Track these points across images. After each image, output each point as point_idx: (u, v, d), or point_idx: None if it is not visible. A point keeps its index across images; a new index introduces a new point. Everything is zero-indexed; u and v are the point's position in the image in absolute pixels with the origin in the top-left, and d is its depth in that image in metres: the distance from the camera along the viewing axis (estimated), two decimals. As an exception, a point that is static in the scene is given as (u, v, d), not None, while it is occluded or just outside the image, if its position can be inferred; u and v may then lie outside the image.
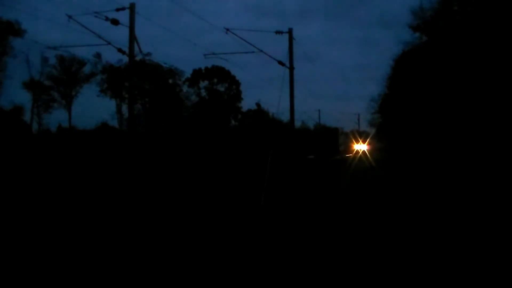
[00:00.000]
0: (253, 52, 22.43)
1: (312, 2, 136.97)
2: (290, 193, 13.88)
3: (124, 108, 58.72)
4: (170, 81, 64.80)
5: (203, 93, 67.39)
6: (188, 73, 65.36)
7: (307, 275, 5.57)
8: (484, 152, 22.74)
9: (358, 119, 67.27)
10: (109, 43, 18.21)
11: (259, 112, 66.30)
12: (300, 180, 18.35)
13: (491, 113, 23.96)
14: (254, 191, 12.96)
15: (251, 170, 21.18)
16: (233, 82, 67.85)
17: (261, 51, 22.84)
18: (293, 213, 10.44)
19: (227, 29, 21.12)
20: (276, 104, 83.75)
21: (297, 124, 56.72)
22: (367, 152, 44.69)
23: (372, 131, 61.14)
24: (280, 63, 24.53)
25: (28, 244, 7.54)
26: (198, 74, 66.46)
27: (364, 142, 53.28)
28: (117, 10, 17.65)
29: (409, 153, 32.26)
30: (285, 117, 58.27)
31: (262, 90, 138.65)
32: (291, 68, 24.96)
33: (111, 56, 67.45)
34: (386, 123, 50.66)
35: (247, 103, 69.34)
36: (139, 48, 18.95)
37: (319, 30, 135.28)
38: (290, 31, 24.90)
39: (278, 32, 24.27)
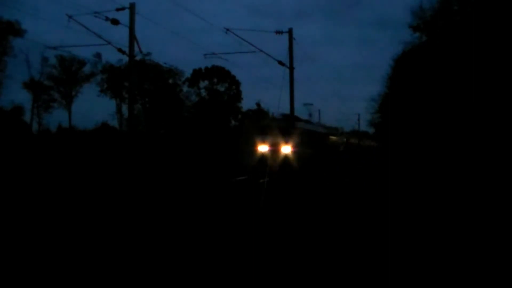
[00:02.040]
0: (253, 52, 22.41)
1: (312, 2, 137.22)
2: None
3: (124, 108, 58.73)
4: (170, 81, 64.82)
5: (203, 93, 67.43)
6: (188, 73, 65.47)
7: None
8: (485, 153, 22.70)
9: (358, 119, 66.98)
10: (109, 43, 18.23)
11: (259, 112, 66.22)
12: None
13: (492, 113, 23.93)
14: (253, 191, 12.95)
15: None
16: (233, 82, 67.84)
17: (261, 51, 22.84)
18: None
19: (227, 29, 21.10)
20: (276, 104, 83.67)
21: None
22: (290, 159, 21.70)
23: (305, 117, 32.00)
24: (280, 63, 24.52)
25: (29, 243, 7.53)
26: (198, 74, 66.44)
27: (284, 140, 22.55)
28: (117, 10, 17.67)
29: (408, 158, 31.91)
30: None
31: (262, 90, 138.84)
32: (291, 68, 24.94)
33: (111, 56, 67.42)
34: (386, 123, 50.60)
35: (247, 103, 69.37)
36: (139, 48, 18.97)
37: (319, 30, 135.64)
38: (290, 31, 24.87)
39: (278, 32, 24.26)
